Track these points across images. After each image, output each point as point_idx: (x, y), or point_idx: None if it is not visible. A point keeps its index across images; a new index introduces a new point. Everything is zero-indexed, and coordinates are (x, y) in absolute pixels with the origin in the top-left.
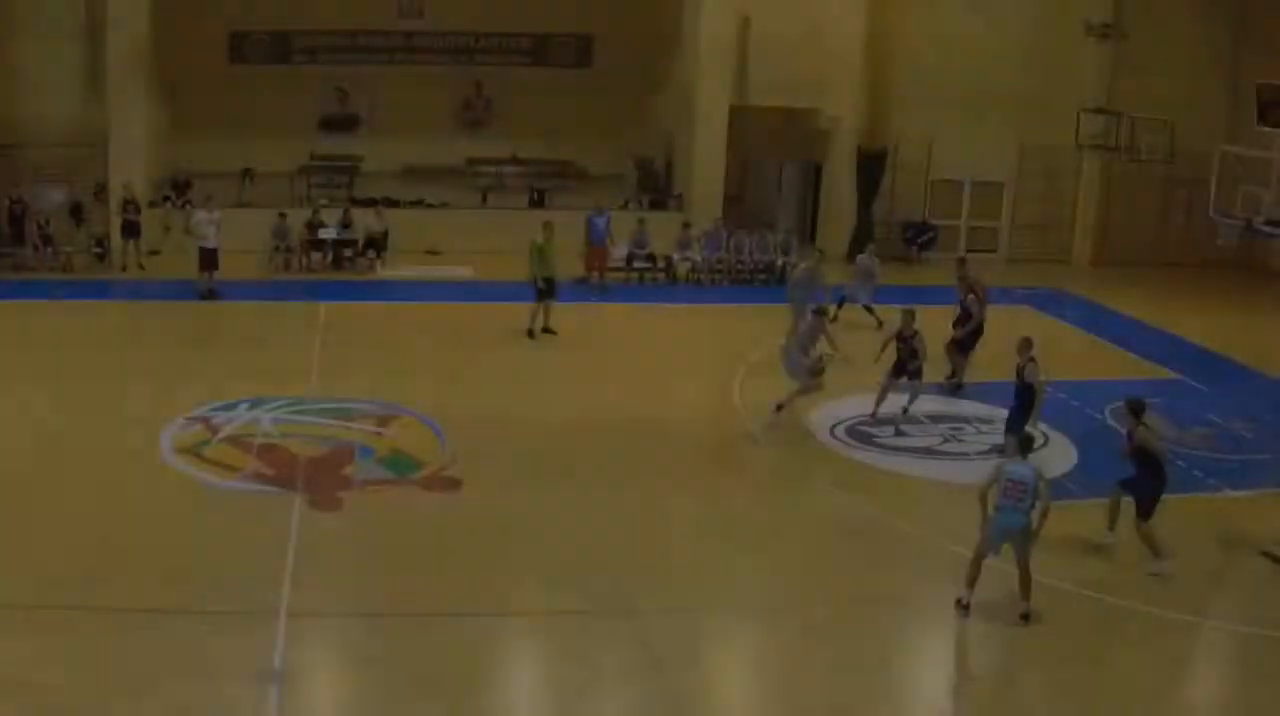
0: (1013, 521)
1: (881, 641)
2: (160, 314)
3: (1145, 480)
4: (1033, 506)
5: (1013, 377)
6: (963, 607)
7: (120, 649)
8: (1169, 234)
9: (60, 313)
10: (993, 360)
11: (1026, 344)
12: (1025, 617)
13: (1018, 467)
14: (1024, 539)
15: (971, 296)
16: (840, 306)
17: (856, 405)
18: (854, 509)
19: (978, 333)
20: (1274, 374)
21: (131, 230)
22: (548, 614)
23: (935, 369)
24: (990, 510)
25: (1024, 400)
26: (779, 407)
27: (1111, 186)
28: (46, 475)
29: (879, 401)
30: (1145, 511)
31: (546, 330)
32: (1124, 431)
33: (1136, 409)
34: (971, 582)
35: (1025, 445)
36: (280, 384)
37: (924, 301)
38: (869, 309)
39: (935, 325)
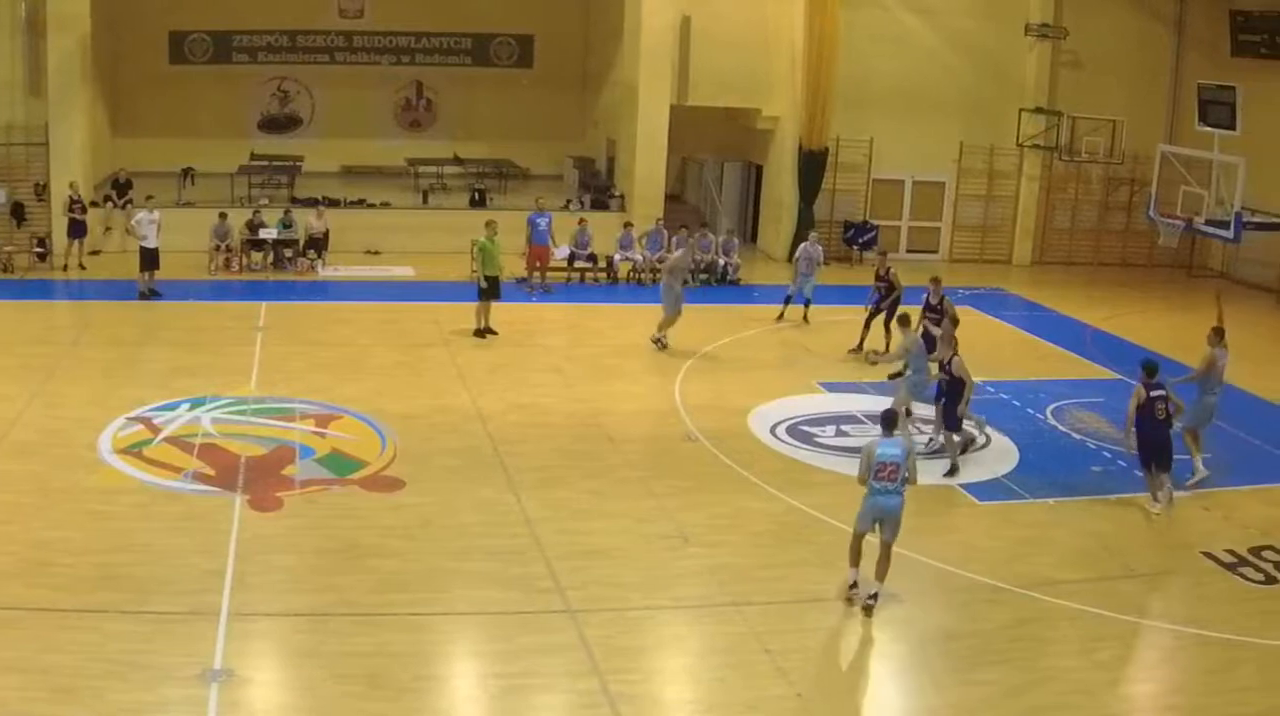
0: (888, 502)
1: (822, 641)
2: (101, 314)
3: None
4: (908, 484)
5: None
6: (851, 587)
7: (58, 650)
8: (1110, 234)
9: (1, 312)
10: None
11: (950, 336)
12: (874, 598)
13: (889, 448)
14: (896, 521)
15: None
16: (802, 305)
17: (797, 405)
18: (795, 508)
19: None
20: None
21: (77, 230)
22: (489, 613)
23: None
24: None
25: (953, 394)
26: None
27: (1052, 186)
28: None
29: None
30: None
31: (488, 330)
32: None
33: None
34: (855, 561)
35: (889, 422)
36: (221, 384)
37: (865, 302)
38: (791, 298)
39: (879, 324)
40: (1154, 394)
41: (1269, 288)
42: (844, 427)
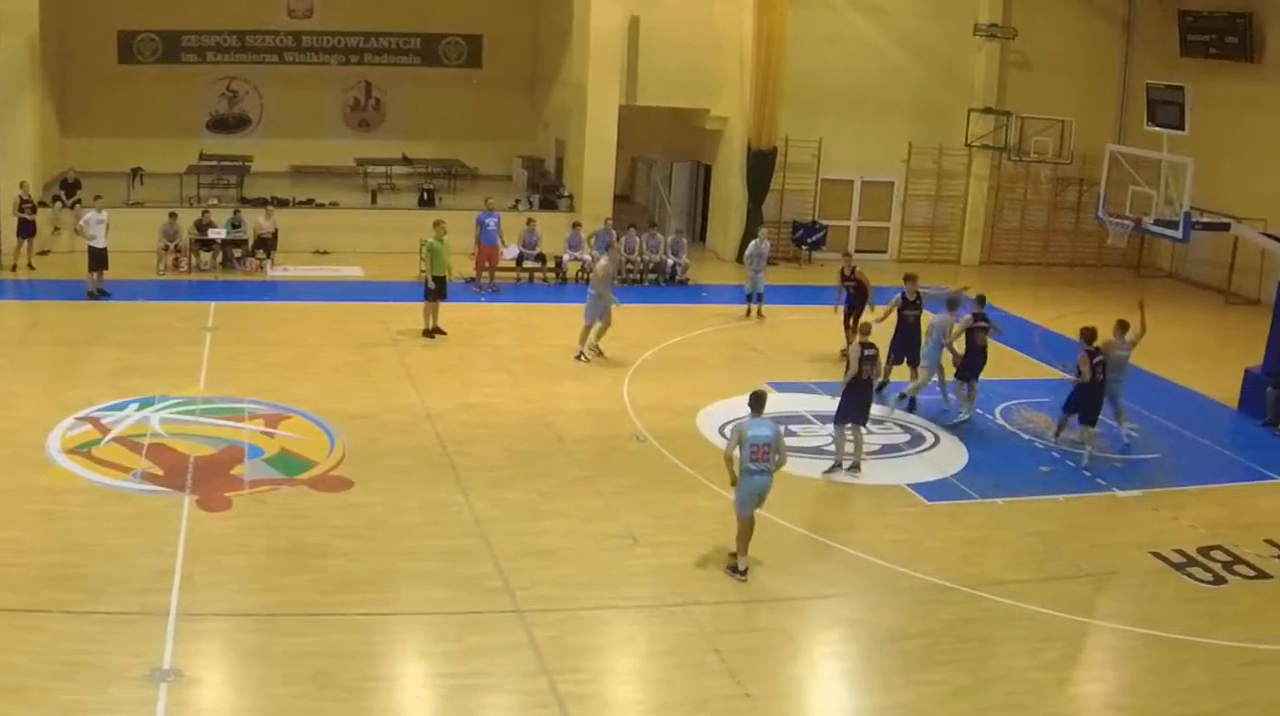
0: (765, 482)
1: (771, 641)
2: (50, 314)
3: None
4: (778, 465)
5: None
6: (740, 574)
7: (7, 649)
8: (1059, 234)
9: None
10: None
11: (865, 330)
12: (741, 572)
13: (760, 430)
14: (765, 498)
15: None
16: (759, 304)
17: (745, 405)
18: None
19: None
20: (1163, 374)
21: (27, 230)
22: (437, 613)
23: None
24: (738, 472)
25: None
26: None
27: (1001, 186)
28: None
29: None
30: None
31: (437, 330)
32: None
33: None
34: (744, 549)
35: (757, 403)
36: (170, 384)
37: (815, 302)
38: (752, 297)
39: (826, 324)
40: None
41: (1218, 287)
42: (792, 427)
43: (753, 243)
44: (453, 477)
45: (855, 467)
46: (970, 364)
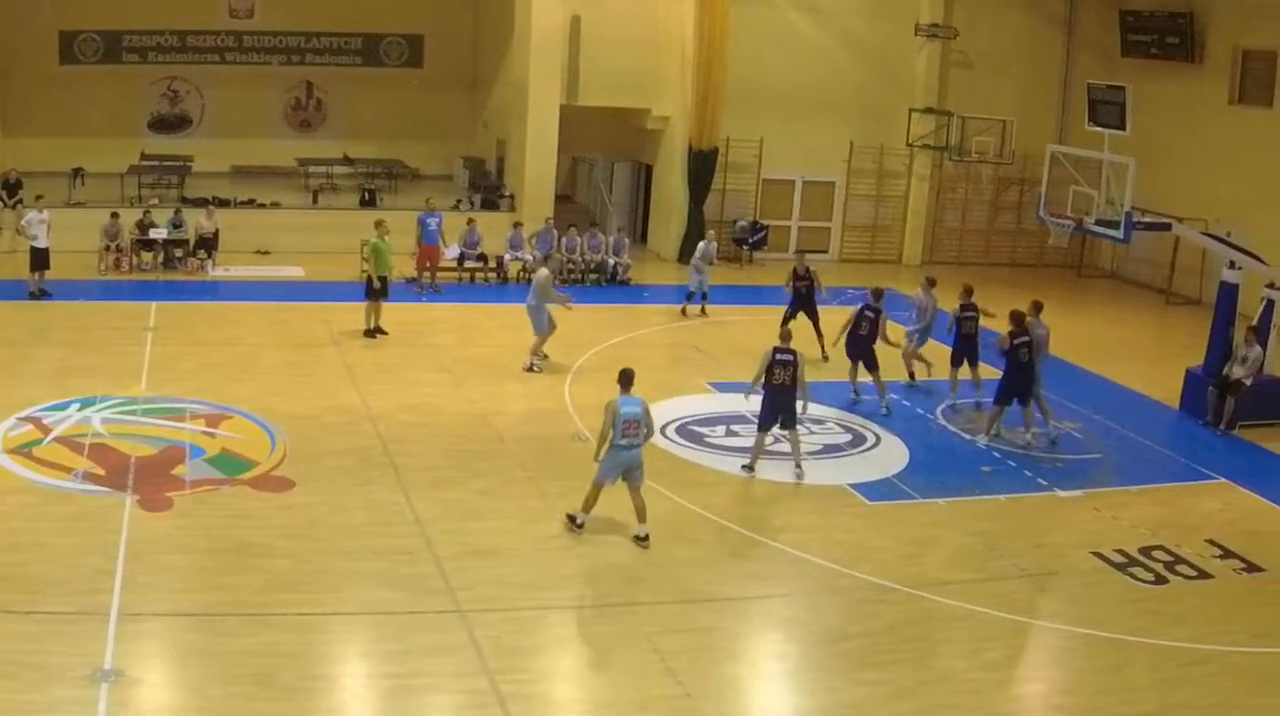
0: (633, 455)
1: (711, 640)
2: None
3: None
4: (646, 438)
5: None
6: (576, 526)
7: None
8: (1000, 234)
9: None
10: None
11: (785, 337)
12: (642, 540)
13: (630, 407)
14: (640, 468)
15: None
16: (704, 303)
17: (687, 405)
18: (684, 508)
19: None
20: (1105, 374)
21: None
22: (378, 613)
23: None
24: (606, 447)
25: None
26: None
27: (942, 186)
28: None
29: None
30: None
31: (378, 330)
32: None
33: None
34: (589, 508)
35: (626, 381)
36: (112, 384)
37: (757, 302)
38: (693, 296)
39: (768, 324)
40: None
41: (1159, 288)
42: (734, 427)
43: (701, 243)
44: (394, 477)
45: (797, 467)
46: (958, 353)
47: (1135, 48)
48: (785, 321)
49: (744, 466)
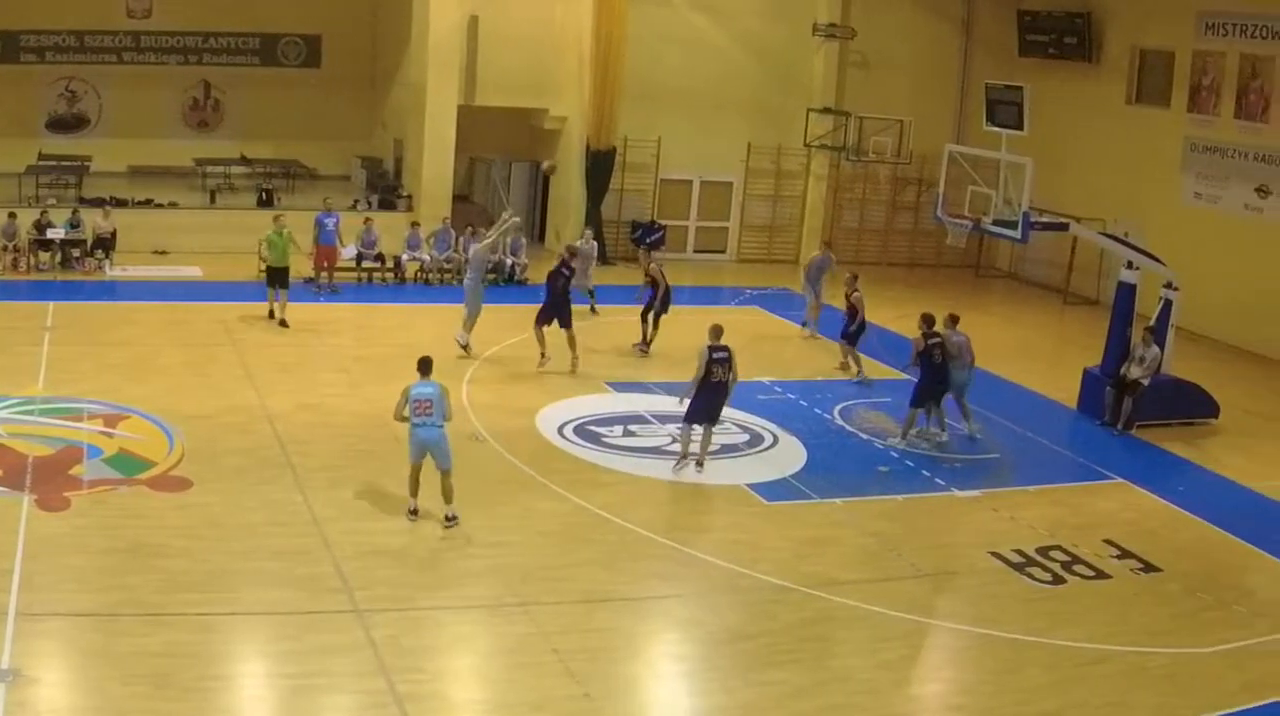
0: (428, 434)
1: (609, 641)
2: None
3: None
4: (444, 419)
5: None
6: (411, 513)
7: None
8: (898, 234)
9: None
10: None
11: (716, 333)
12: (450, 520)
13: (422, 388)
14: (441, 451)
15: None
16: (592, 302)
17: (584, 405)
18: (582, 508)
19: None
20: (1002, 374)
21: None
22: (276, 613)
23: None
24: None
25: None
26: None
27: (840, 186)
28: None
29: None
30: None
31: (280, 321)
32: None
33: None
34: (414, 492)
35: (424, 367)
36: (9, 384)
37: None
38: (590, 294)
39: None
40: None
41: (1056, 288)
42: (631, 427)
43: (577, 243)
44: (291, 477)
45: (699, 464)
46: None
47: (1033, 48)
48: (644, 315)
49: (696, 463)
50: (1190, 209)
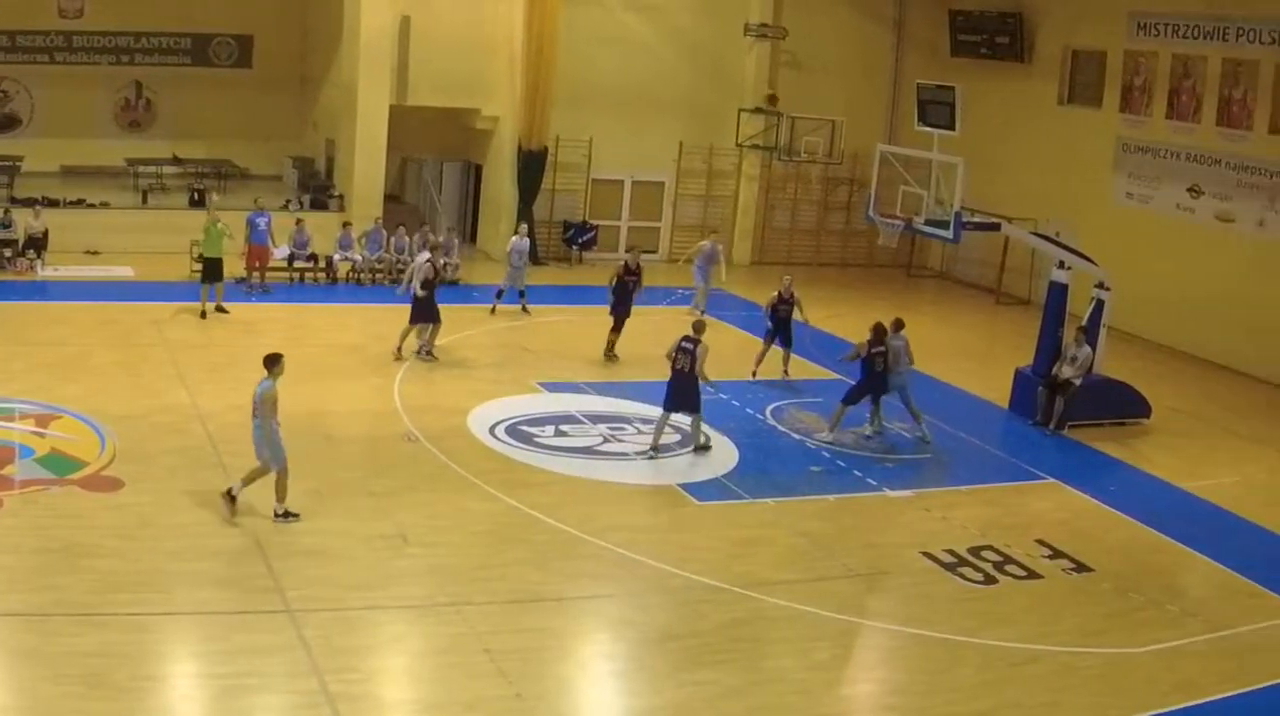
0: (253, 431)
1: (541, 641)
2: None
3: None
4: (257, 417)
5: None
6: (229, 497)
7: None
8: (830, 234)
9: None
10: (644, 361)
11: (698, 327)
12: (229, 496)
13: (259, 387)
14: (256, 446)
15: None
16: (524, 301)
17: (516, 405)
18: (514, 508)
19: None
20: (934, 374)
21: None
22: (208, 613)
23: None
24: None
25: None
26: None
27: (771, 186)
28: None
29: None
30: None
31: (219, 308)
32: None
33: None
34: (248, 482)
35: (267, 361)
36: None
37: (585, 302)
38: (503, 293)
39: (599, 324)
40: None
41: (988, 288)
42: (563, 427)
43: (512, 239)
44: (223, 477)
45: (654, 449)
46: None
47: (965, 48)
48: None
49: (651, 450)
50: (1122, 209)
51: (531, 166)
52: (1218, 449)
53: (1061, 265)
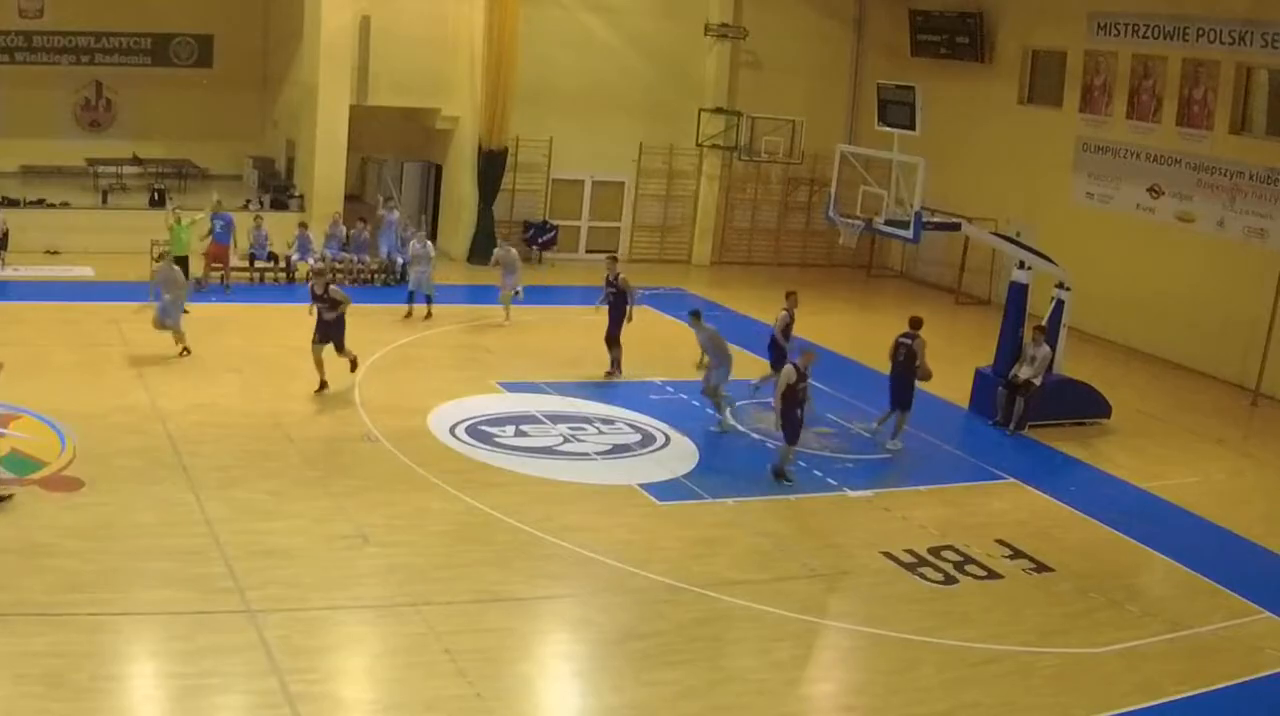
0: None
1: (501, 641)
2: None
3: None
4: None
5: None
6: None
7: None
8: (790, 234)
9: None
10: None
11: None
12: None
13: None
14: None
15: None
16: (427, 304)
17: (476, 405)
18: (474, 508)
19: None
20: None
21: None
22: (168, 613)
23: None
24: None
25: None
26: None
27: (732, 186)
28: None
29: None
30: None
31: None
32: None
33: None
34: None
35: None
36: None
37: (549, 301)
38: (414, 295)
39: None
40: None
41: (949, 288)
42: (523, 428)
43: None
44: (184, 478)
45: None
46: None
47: (925, 48)
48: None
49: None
50: (1082, 209)
51: (492, 166)
52: (1178, 449)
53: (1022, 265)
